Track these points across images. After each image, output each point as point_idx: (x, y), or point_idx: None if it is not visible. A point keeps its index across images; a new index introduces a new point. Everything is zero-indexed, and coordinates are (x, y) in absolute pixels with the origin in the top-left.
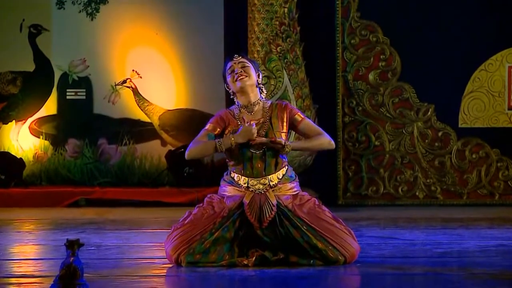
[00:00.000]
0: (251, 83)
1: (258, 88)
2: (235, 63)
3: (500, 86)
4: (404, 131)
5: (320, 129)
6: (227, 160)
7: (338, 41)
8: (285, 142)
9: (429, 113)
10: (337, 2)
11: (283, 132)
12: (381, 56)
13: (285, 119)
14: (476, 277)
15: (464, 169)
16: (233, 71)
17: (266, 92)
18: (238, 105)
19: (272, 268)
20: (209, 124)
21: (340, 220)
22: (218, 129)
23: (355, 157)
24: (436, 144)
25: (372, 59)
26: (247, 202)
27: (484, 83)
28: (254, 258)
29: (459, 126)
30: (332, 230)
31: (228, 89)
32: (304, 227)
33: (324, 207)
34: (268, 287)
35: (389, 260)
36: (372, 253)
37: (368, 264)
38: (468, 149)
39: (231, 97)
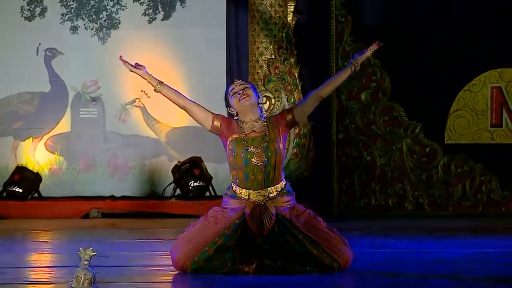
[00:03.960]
0: (253, 102)
1: (259, 108)
2: (236, 85)
3: (483, 105)
4: (394, 147)
5: (309, 93)
6: (230, 169)
7: (332, 64)
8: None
9: (417, 130)
10: (332, 27)
11: (280, 143)
12: (373, 77)
13: (280, 129)
14: (462, 282)
15: (449, 182)
16: (235, 92)
17: (265, 112)
18: (241, 122)
19: (271, 275)
20: (216, 114)
21: (334, 229)
22: (216, 122)
23: (349, 171)
24: (424, 159)
25: (364, 80)
26: (248, 212)
27: (468, 103)
28: (254, 265)
29: (445, 142)
30: (327, 239)
31: (231, 111)
32: (301, 236)
33: (319, 218)
34: None
35: (381, 267)
36: (365, 260)
37: (361, 271)
38: (454, 164)
39: (235, 118)
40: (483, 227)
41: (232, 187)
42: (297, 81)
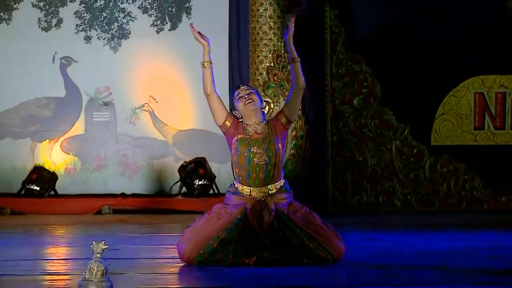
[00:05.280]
0: (257, 107)
1: (261, 112)
2: (242, 90)
3: (467, 110)
4: (384, 148)
5: (290, 91)
6: (233, 167)
7: (327, 71)
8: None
9: (405, 133)
10: (326, 37)
11: (279, 143)
12: (364, 84)
13: (278, 131)
14: (447, 273)
15: (435, 181)
16: (241, 96)
17: (266, 116)
18: (245, 124)
19: (270, 267)
20: (230, 113)
21: (329, 224)
22: (227, 122)
23: (342, 170)
24: (412, 159)
25: (356, 86)
26: (250, 207)
27: (453, 107)
28: (255, 258)
29: (431, 144)
30: (322, 233)
31: (236, 114)
32: (298, 230)
33: (314, 214)
34: (267, 283)
35: (371, 260)
36: (357, 253)
37: (354, 263)
38: (439, 164)
39: (240, 120)
40: (467, 223)
41: (234, 184)
42: None
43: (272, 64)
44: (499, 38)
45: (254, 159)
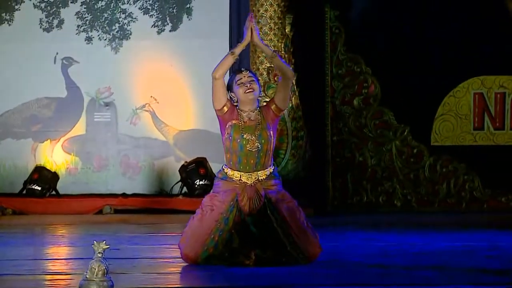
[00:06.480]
0: (257, 96)
1: (257, 100)
2: (244, 76)
3: (466, 110)
4: (384, 148)
5: (279, 80)
6: (224, 152)
7: (327, 71)
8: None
9: (405, 133)
10: (327, 38)
11: (271, 130)
12: (364, 84)
13: (269, 117)
14: (446, 273)
15: (435, 181)
16: (242, 83)
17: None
18: (240, 110)
19: (268, 267)
20: (229, 99)
21: (310, 225)
22: (225, 107)
23: (342, 171)
24: (412, 159)
25: (356, 86)
26: (240, 192)
27: (453, 107)
28: (253, 259)
29: (431, 144)
30: (302, 230)
31: (232, 97)
32: (278, 221)
33: (301, 210)
34: (266, 283)
35: (371, 259)
36: (357, 252)
37: (353, 262)
38: (439, 164)
39: (235, 104)
40: (466, 223)
41: (224, 169)
42: (294, 87)
43: (272, 65)
44: (499, 38)
45: (247, 145)
